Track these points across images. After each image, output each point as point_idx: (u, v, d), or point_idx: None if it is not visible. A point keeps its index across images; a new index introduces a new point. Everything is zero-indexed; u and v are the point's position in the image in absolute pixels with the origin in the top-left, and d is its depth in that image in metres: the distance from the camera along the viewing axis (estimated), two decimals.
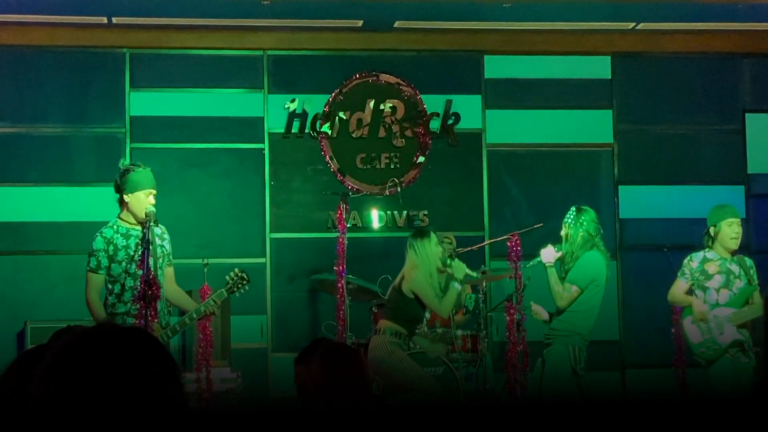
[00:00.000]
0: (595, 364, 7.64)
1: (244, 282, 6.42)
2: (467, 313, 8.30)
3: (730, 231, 7.25)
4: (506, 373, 7.62)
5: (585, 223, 7.15)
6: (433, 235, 7.39)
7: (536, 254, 7.27)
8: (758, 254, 8.61)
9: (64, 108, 9.02)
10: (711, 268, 7.19)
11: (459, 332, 8.08)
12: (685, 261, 7.35)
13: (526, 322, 7.48)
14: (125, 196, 6.27)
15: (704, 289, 7.15)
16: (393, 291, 7.38)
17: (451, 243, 8.78)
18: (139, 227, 6.22)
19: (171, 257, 6.47)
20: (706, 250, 7.29)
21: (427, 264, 7.24)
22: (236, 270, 6.47)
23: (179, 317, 6.36)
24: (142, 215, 6.18)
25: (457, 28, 9.27)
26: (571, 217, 7.20)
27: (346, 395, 3.60)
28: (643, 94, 9.63)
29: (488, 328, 8.47)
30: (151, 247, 6.07)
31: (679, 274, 7.32)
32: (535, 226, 7.65)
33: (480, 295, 8.31)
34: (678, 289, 7.29)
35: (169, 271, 6.44)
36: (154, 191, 6.30)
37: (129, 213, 6.29)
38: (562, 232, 7.19)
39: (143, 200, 6.22)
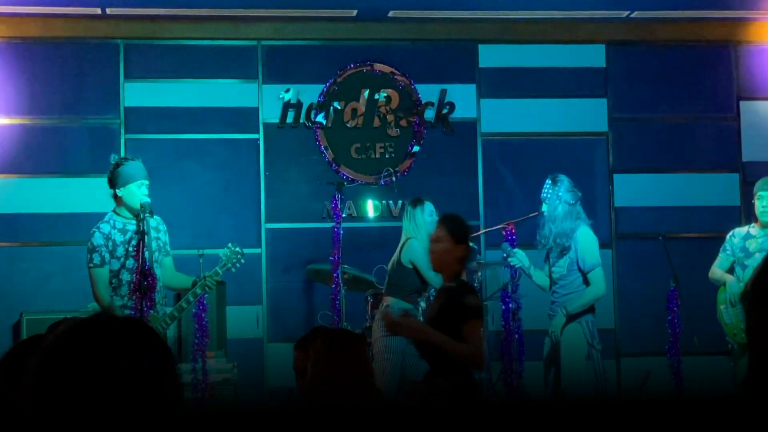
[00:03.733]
0: None
1: (239, 256, 6.48)
2: None
3: (758, 204, 7.27)
4: (502, 362, 7.63)
5: (562, 194, 6.94)
6: (427, 204, 7.37)
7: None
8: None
9: (59, 99, 9.01)
10: (753, 245, 7.14)
11: None
12: (728, 236, 7.27)
13: (521, 311, 7.49)
14: (117, 191, 6.30)
15: (744, 267, 7.07)
16: (393, 265, 7.38)
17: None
18: (134, 220, 6.26)
19: (168, 247, 6.51)
20: (751, 225, 7.23)
21: (421, 232, 7.22)
22: (230, 245, 6.50)
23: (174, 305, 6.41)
24: (136, 207, 6.21)
25: (451, 17, 9.27)
26: (548, 190, 6.96)
27: (351, 384, 3.55)
28: (638, 83, 9.63)
29: (484, 317, 8.48)
30: (147, 239, 6.12)
31: (720, 249, 7.25)
32: (531, 215, 7.55)
33: (476, 285, 8.32)
34: (718, 265, 7.21)
35: (168, 261, 6.48)
36: (146, 182, 6.33)
37: (123, 207, 6.33)
38: (543, 207, 7.01)
39: (135, 192, 6.26)
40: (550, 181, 7.01)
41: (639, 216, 9.49)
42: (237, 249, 6.53)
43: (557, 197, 6.94)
